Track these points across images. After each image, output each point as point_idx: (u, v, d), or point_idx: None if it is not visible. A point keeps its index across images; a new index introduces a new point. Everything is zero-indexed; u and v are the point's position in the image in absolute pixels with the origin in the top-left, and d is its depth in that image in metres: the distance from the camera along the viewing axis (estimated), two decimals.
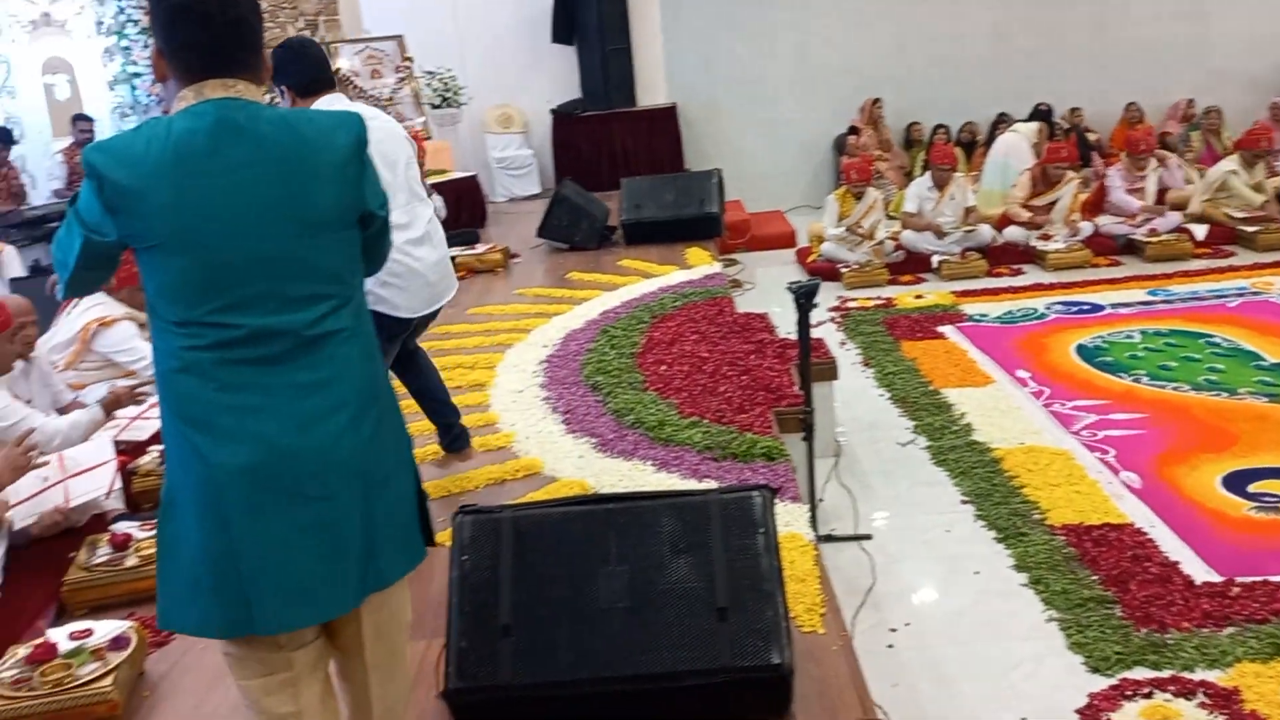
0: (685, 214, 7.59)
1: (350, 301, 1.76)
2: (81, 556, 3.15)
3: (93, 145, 1.70)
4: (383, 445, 1.78)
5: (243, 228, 1.65)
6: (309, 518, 1.69)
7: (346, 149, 1.75)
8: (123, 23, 9.82)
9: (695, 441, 3.80)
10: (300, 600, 1.70)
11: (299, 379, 1.68)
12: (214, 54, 1.69)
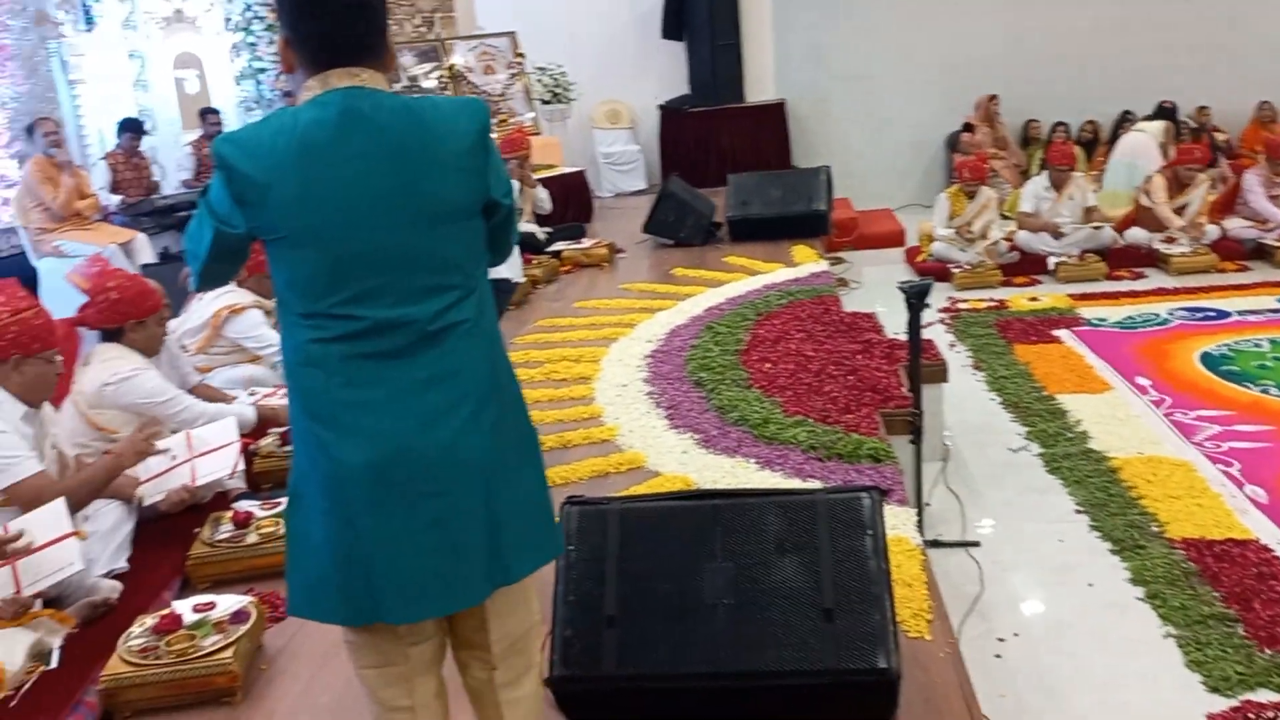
0: (792, 211, 7.53)
1: (473, 293, 1.73)
2: (205, 533, 3.28)
3: (222, 137, 1.72)
4: (505, 439, 1.75)
5: (366, 218, 1.63)
6: (430, 514, 1.68)
7: (470, 136, 1.71)
8: (249, 19, 10.18)
9: (800, 440, 3.77)
10: (423, 594, 1.70)
11: (421, 373, 1.67)
12: (339, 42, 1.68)
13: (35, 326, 2.96)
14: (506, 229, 1.86)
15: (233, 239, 1.72)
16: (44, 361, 2.98)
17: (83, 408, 3.49)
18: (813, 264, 6.64)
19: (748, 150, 10.27)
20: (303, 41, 1.71)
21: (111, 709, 2.57)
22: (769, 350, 4.88)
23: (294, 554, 1.79)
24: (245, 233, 1.71)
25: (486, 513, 1.71)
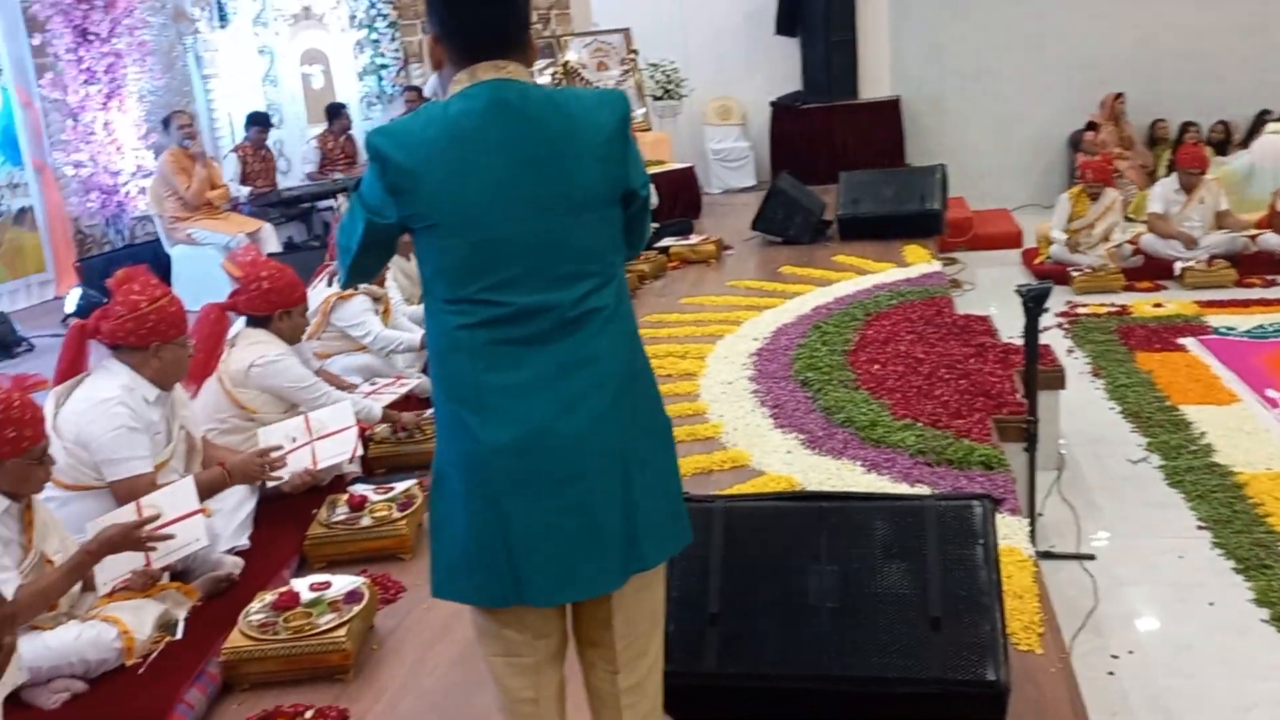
0: (905, 210, 7.40)
1: (612, 281, 1.76)
2: (322, 514, 3.40)
3: (376, 129, 1.76)
4: (641, 426, 1.78)
5: (512, 206, 1.68)
6: (571, 498, 1.71)
7: (610, 126, 1.74)
8: (373, 17, 10.46)
9: (908, 444, 3.71)
10: (565, 577, 1.73)
11: (562, 358, 1.70)
12: (486, 37, 1.72)
13: (171, 313, 3.10)
14: (643, 219, 1.88)
15: (383, 229, 1.77)
16: (179, 346, 3.12)
17: (227, 385, 3.64)
18: (925, 264, 6.52)
19: (860, 148, 10.12)
20: (451, 37, 1.75)
21: (231, 680, 2.69)
22: (878, 351, 4.81)
23: (437, 536, 1.83)
24: (396, 223, 1.75)
25: (623, 498, 1.74)
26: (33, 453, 2.52)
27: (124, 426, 2.95)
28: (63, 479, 2.92)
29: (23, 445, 2.49)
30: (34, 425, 2.53)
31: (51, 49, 7.87)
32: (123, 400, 2.97)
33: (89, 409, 2.94)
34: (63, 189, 8.14)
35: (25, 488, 2.55)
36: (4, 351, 6.48)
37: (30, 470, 2.53)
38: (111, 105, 8.12)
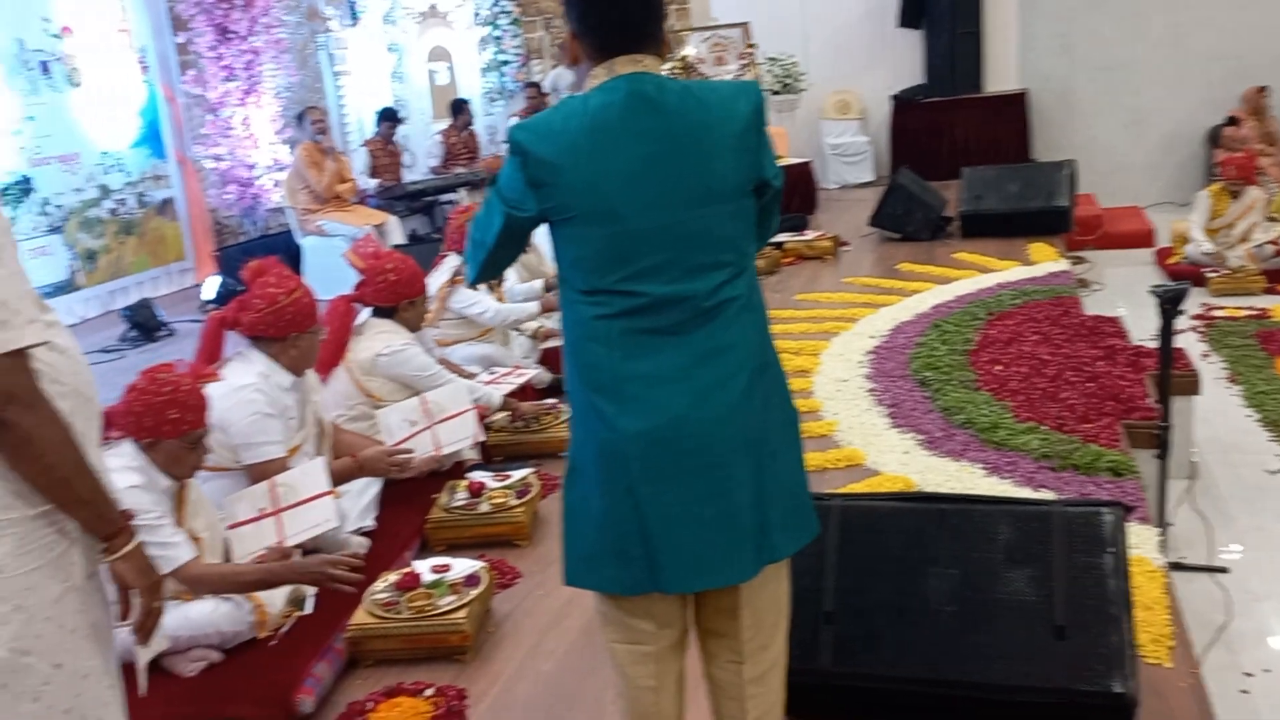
0: (1030, 207, 7.20)
1: (745, 270, 1.78)
2: (442, 499, 3.50)
3: (518, 125, 1.80)
4: (773, 415, 1.79)
5: (651, 197, 1.70)
6: (706, 486, 1.73)
7: (746, 116, 1.75)
8: (496, 14, 10.66)
9: (1031, 448, 3.62)
10: (700, 565, 1.74)
11: (697, 348, 1.72)
12: (624, 31, 1.75)
13: (306, 305, 3.22)
14: (774, 210, 1.89)
15: (520, 223, 1.80)
16: (312, 335, 3.24)
17: (355, 374, 3.77)
18: (1051, 263, 6.34)
19: (984, 143, 9.87)
20: (588, 33, 1.78)
21: (356, 656, 2.79)
22: (1000, 352, 4.69)
23: (571, 525, 1.86)
24: (534, 216, 1.78)
25: (756, 487, 1.75)
26: (190, 437, 2.65)
27: (260, 413, 3.08)
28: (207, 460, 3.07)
29: (183, 428, 2.62)
30: (197, 411, 2.67)
31: (194, 47, 8.25)
32: (259, 388, 3.10)
33: (227, 395, 3.08)
34: (202, 181, 8.53)
35: (177, 470, 2.68)
36: (146, 335, 6.82)
37: (184, 454, 2.67)
38: (249, 101, 8.47)
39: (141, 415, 2.59)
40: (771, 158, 1.82)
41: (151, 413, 2.59)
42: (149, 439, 2.61)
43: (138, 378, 2.65)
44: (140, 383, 2.62)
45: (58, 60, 7.47)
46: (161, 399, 2.59)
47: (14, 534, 1.53)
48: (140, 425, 2.59)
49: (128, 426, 2.60)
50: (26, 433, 1.47)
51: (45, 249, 7.26)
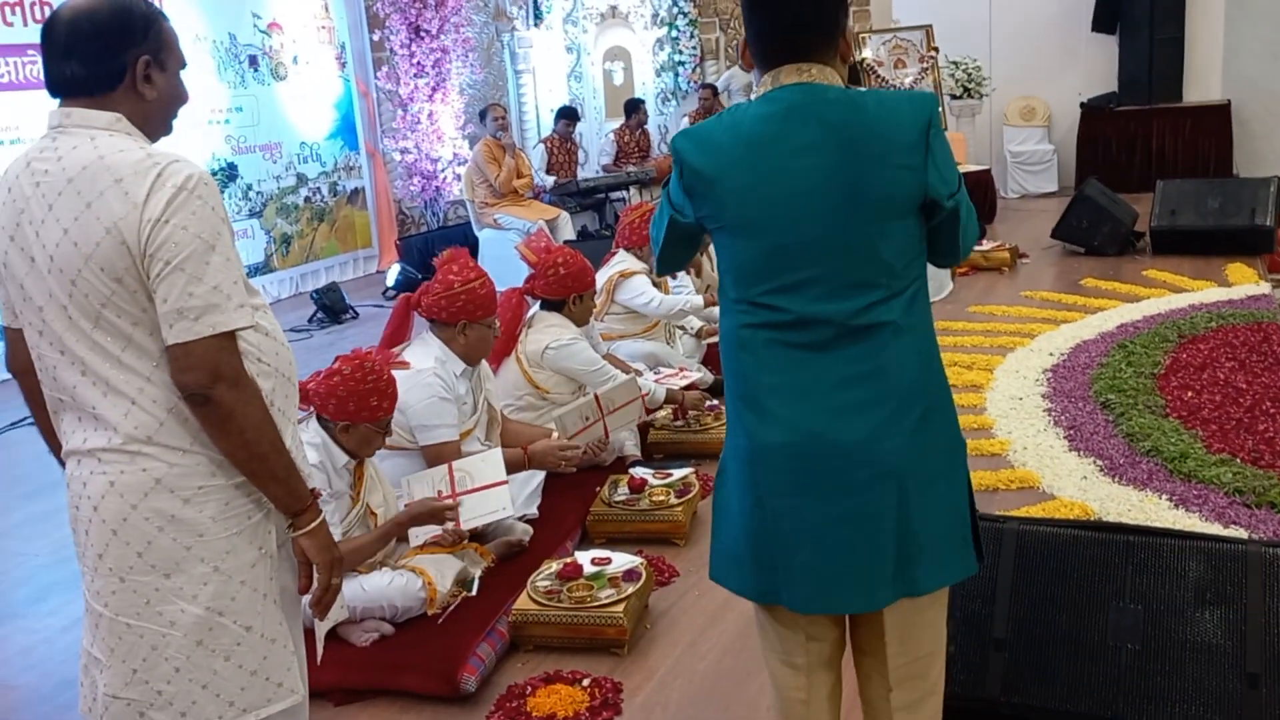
0: (1230, 225, 6.78)
1: (902, 294, 1.68)
2: (604, 493, 3.56)
3: (680, 133, 1.80)
4: (925, 446, 1.69)
5: (802, 212, 1.66)
6: (838, 509, 1.68)
7: (912, 131, 1.65)
8: (674, 15, 10.74)
9: (1223, 482, 3.41)
10: (824, 588, 1.70)
11: (840, 369, 1.67)
12: (788, 38, 1.70)
13: (481, 296, 3.34)
14: (951, 230, 1.74)
15: (684, 227, 1.82)
16: (484, 327, 3.35)
17: (524, 365, 3.88)
18: (1251, 285, 5.95)
19: (1181, 155, 9.34)
20: (756, 39, 1.75)
21: (517, 640, 2.87)
22: (1192, 377, 4.44)
23: (716, 523, 1.86)
24: (694, 222, 1.79)
25: (899, 517, 1.67)
26: (382, 422, 2.82)
27: (436, 396, 3.20)
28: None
29: (379, 414, 2.79)
30: (391, 399, 2.83)
31: (388, 44, 8.64)
32: (436, 372, 3.23)
33: (407, 378, 3.21)
34: (390, 173, 8.93)
35: (365, 450, 2.84)
36: (333, 318, 7.18)
37: (374, 436, 2.82)
38: (436, 97, 8.80)
39: (345, 400, 2.74)
40: (945, 175, 1.69)
41: (355, 398, 2.75)
42: (347, 422, 2.75)
43: (339, 363, 2.80)
44: (344, 369, 2.77)
45: (265, 55, 7.96)
46: (366, 386, 2.75)
47: (217, 500, 1.64)
48: (343, 409, 2.75)
49: (328, 409, 2.76)
50: (230, 409, 1.57)
51: (245, 232, 7.74)
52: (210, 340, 1.54)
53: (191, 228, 1.54)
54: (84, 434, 1.62)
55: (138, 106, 1.63)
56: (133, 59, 1.61)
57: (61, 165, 1.57)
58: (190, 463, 1.61)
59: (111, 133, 1.59)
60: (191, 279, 1.53)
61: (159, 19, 1.66)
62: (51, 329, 1.60)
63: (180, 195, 1.54)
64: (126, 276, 1.55)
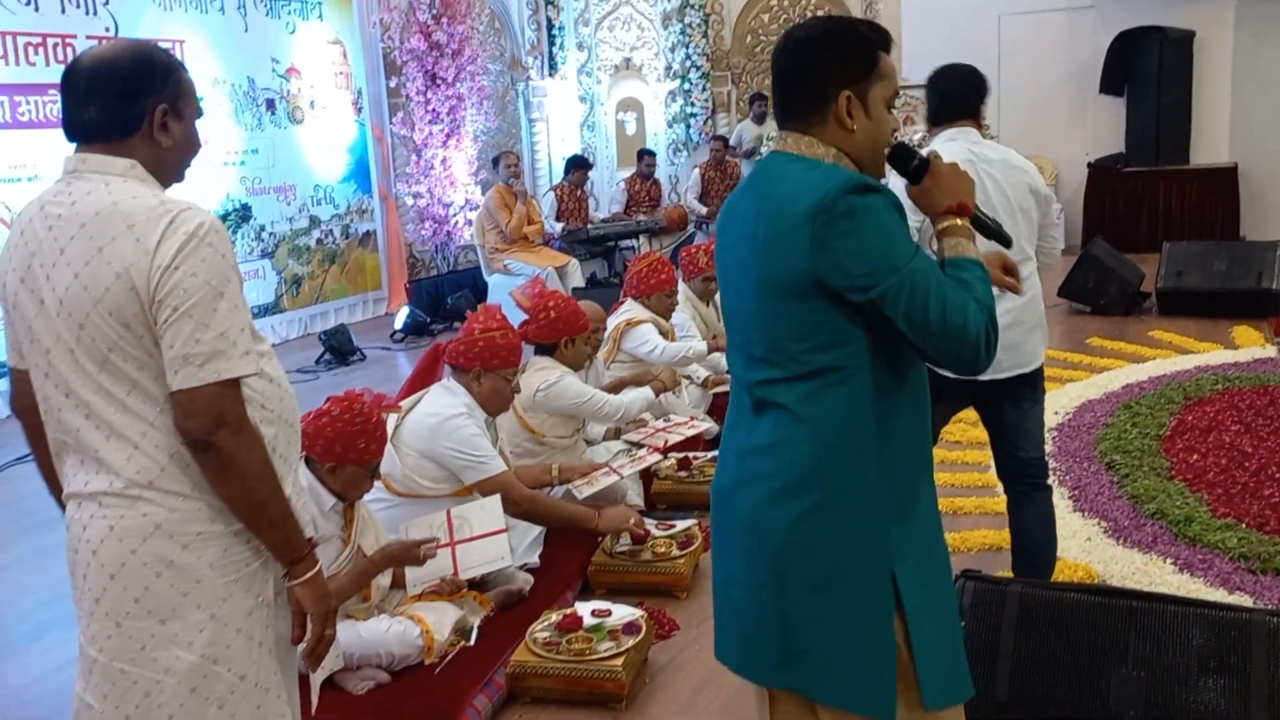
0: (1237, 287, 6.80)
1: (805, 380, 1.62)
2: (607, 543, 3.54)
3: None
4: (813, 544, 1.62)
5: (731, 278, 1.75)
6: (725, 568, 1.77)
7: (799, 215, 1.58)
8: (687, 68, 10.89)
9: (1229, 547, 3.39)
10: (723, 639, 1.79)
11: (743, 437, 1.73)
12: (777, 105, 1.75)
13: (499, 346, 3.36)
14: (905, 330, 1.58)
15: None
16: (501, 379, 3.37)
17: (519, 410, 3.89)
18: (1257, 348, 5.95)
19: (1188, 216, 9.39)
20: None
21: (515, 691, 2.84)
22: (1197, 440, 4.42)
23: None
24: None
25: (777, 603, 1.65)
26: (370, 465, 2.81)
27: (475, 434, 3.23)
28: (395, 486, 3.23)
29: (366, 456, 2.78)
30: (380, 441, 2.83)
31: (405, 91, 8.76)
32: (468, 414, 3.25)
33: (439, 425, 3.22)
34: (402, 216, 9.01)
35: (353, 493, 2.84)
36: (339, 359, 7.21)
37: (361, 479, 2.82)
38: (450, 143, 8.91)
39: (332, 441, 2.74)
40: (845, 266, 1.56)
41: (342, 439, 2.74)
42: (334, 463, 2.75)
43: (329, 404, 2.81)
44: (333, 410, 2.78)
45: (282, 98, 8.07)
46: (355, 428, 2.75)
47: (215, 546, 1.64)
48: (330, 450, 2.74)
49: (315, 449, 2.75)
50: (231, 456, 1.58)
51: (257, 272, 7.80)
52: (215, 386, 1.55)
53: (201, 274, 1.55)
54: (86, 477, 1.63)
55: (153, 153, 1.66)
56: (150, 106, 1.64)
57: (75, 210, 1.59)
58: (190, 508, 1.62)
59: (126, 179, 1.62)
60: (199, 325, 1.55)
61: (178, 69, 1.69)
62: (58, 371, 1.61)
63: (191, 242, 1.55)
64: (134, 321, 1.56)
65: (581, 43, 10.69)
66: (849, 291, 1.57)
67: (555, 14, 10.34)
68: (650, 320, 4.83)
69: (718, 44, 10.94)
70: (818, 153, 1.68)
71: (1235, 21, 9.55)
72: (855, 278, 1.56)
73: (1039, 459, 2.95)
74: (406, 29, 8.66)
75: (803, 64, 1.69)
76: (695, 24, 10.78)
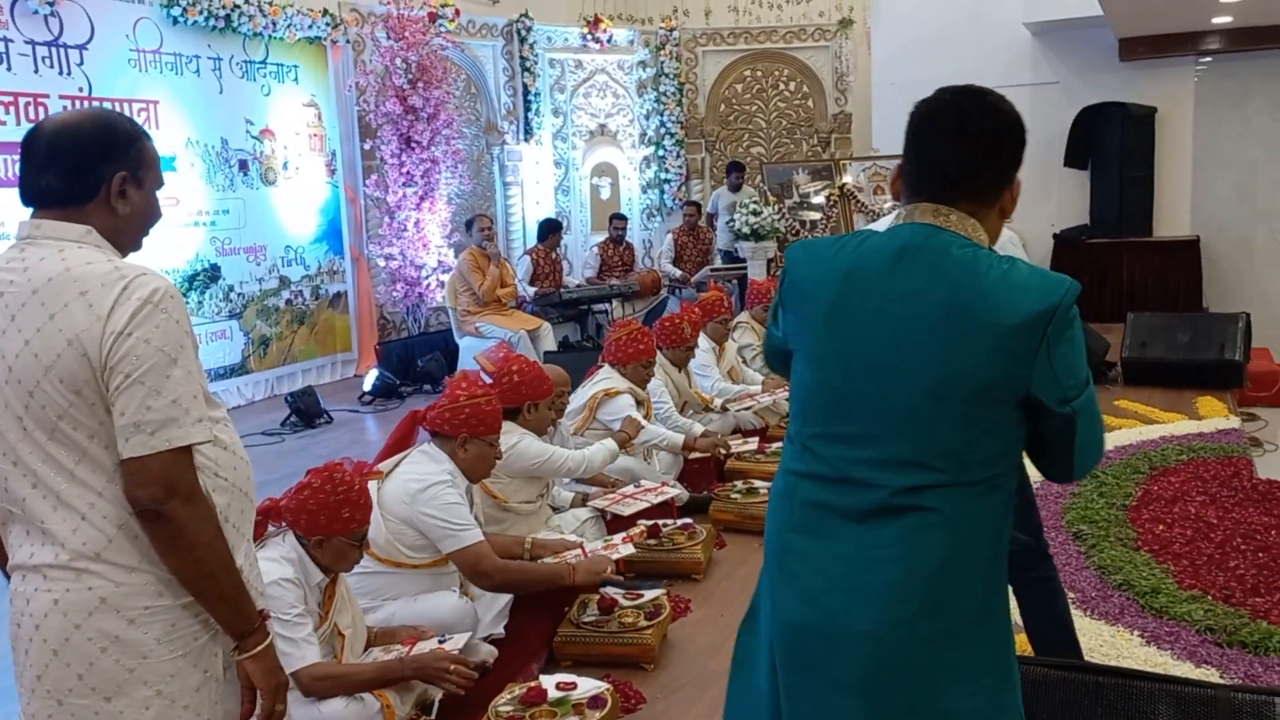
0: (1201, 358, 6.88)
1: (960, 487, 1.48)
2: (573, 612, 3.49)
3: (798, 242, 1.72)
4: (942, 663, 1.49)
5: (879, 361, 1.51)
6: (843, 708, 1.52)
7: (1030, 315, 1.46)
8: (662, 135, 11.03)
9: (1195, 619, 3.38)
10: None
11: (863, 543, 1.51)
12: (933, 176, 1.59)
13: (485, 412, 3.35)
14: (1065, 442, 1.55)
15: (774, 339, 1.74)
16: (485, 444, 3.35)
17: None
18: (1221, 419, 6.01)
19: (1151, 288, 9.55)
20: (908, 165, 1.65)
21: None
22: (1163, 510, 4.44)
23: (735, 665, 1.75)
24: (780, 336, 1.70)
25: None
26: (356, 535, 2.76)
27: (455, 502, 3.20)
28: (378, 553, 3.18)
29: (351, 526, 2.73)
30: (365, 510, 2.78)
31: (379, 153, 8.80)
32: (452, 483, 3.22)
33: (421, 491, 3.18)
34: (373, 278, 9.00)
35: (340, 565, 2.78)
36: (306, 421, 7.12)
37: (349, 550, 2.77)
38: (424, 206, 8.94)
39: (316, 514, 2.69)
40: (1061, 378, 1.48)
41: (326, 511, 2.69)
42: (320, 536, 2.70)
43: (310, 477, 2.75)
44: (314, 482, 2.72)
45: (255, 159, 8.09)
46: (337, 499, 2.70)
47: (163, 621, 1.59)
48: (314, 523, 2.69)
49: (300, 524, 2.70)
50: (182, 526, 1.55)
51: (224, 333, 7.74)
52: (166, 455, 1.53)
53: (154, 341, 1.54)
54: (31, 548, 1.59)
55: (110, 220, 1.64)
56: (110, 174, 1.63)
57: (28, 276, 1.57)
58: (138, 581, 1.58)
59: (81, 245, 1.60)
60: (151, 392, 1.52)
61: (142, 138, 1.69)
62: (5, 439, 1.58)
63: (145, 308, 1.54)
64: (85, 389, 1.54)
65: (557, 108, 10.82)
66: (1056, 404, 1.50)
67: (531, 80, 10.47)
68: (628, 390, 4.82)
69: (692, 112, 11.11)
70: (979, 238, 1.58)
71: (1195, 99, 9.82)
72: (1066, 389, 1.49)
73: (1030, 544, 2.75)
74: (382, 93, 8.73)
75: (998, 146, 1.61)
76: (670, 92, 10.95)
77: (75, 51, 6.68)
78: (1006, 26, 10.11)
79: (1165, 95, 9.86)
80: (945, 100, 1.62)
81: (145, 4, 7.15)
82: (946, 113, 1.60)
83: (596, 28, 10.82)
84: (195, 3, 7.35)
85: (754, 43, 11.16)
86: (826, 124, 11.11)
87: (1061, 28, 9.81)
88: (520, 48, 10.38)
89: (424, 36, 8.87)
